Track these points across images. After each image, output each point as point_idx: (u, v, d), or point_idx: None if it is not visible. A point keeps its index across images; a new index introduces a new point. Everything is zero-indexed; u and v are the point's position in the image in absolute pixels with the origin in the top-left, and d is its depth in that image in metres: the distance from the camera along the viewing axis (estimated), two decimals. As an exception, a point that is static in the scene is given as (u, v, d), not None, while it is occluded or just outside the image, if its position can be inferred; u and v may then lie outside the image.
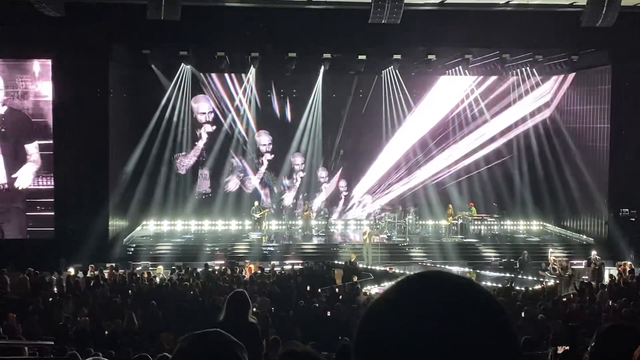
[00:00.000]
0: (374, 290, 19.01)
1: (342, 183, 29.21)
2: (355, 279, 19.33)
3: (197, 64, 26.61)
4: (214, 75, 27.80)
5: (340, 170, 29.24)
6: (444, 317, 1.15)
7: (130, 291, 17.20)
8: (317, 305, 15.22)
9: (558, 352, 8.05)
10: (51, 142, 22.92)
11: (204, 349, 2.05)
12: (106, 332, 12.89)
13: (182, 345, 2.08)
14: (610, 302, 15.87)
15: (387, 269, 21.69)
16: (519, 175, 28.06)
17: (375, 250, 23.70)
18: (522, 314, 14.13)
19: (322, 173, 29.04)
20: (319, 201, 28.62)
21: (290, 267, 21.45)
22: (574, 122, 26.56)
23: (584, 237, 25.83)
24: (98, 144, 22.91)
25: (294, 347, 2.48)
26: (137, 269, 21.06)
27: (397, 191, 28.47)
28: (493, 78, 27.70)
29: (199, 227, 27.89)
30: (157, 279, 19.07)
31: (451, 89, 28.01)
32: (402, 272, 20.63)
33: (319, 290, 17.85)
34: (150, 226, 27.96)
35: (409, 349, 1.14)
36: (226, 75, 27.56)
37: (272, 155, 28.73)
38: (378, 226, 26.44)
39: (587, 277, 20.35)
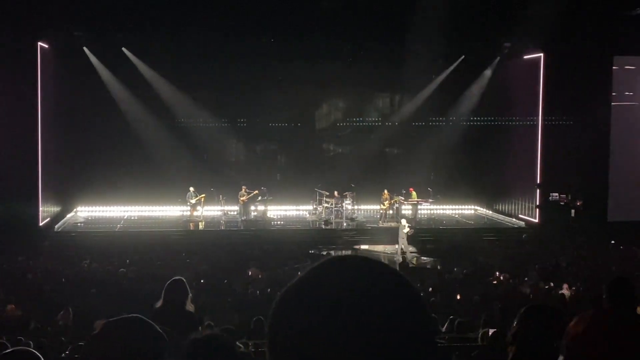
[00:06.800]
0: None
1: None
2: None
3: (135, 47, 25.98)
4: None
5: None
6: (356, 300, 1.17)
7: (64, 279, 16.82)
8: (252, 290, 15.20)
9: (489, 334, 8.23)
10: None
11: (121, 335, 2.02)
12: (36, 322, 12.59)
13: (99, 331, 2.06)
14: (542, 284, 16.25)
15: (314, 252, 21.31)
16: (452, 159, 28.19)
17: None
18: (458, 296, 14.34)
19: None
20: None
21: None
22: (506, 105, 27.19)
23: (515, 220, 26.45)
24: (26, 129, 22.28)
25: (198, 334, 2.46)
26: (71, 257, 20.55)
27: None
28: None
29: (133, 212, 27.47)
30: (92, 267, 18.68)
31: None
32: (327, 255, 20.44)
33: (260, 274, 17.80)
34: (83, 212, 27.39)
35: (321, 334, 1.15)
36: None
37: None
38: (315, 212, 26.43)
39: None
